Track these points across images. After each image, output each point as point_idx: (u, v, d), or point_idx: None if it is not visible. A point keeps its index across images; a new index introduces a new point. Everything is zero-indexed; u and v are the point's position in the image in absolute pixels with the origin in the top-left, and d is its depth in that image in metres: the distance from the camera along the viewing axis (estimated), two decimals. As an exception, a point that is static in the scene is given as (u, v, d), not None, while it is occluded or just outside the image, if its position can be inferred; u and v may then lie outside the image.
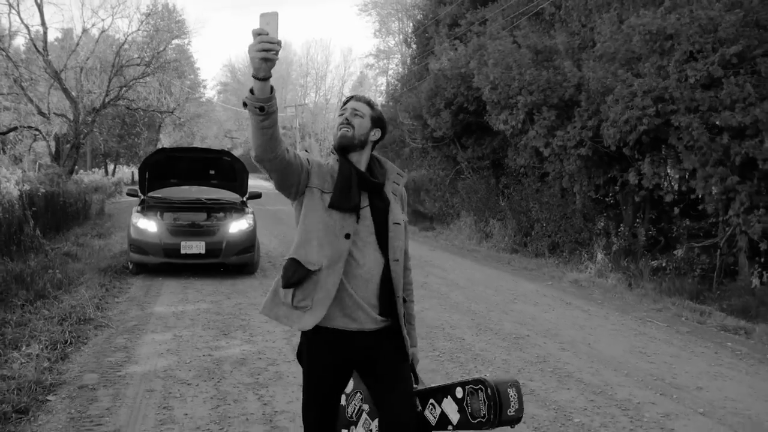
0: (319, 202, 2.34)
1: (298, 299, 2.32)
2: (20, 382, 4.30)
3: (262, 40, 1.95)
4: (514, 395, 2.32)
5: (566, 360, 5.54)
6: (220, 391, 4.47)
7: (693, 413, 4.40)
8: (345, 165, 2.39)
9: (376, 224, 2.39)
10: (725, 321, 7.39)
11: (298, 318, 2.32)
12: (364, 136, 2.43)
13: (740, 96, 9.09)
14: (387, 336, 2.41)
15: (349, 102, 2.48)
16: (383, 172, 2.51)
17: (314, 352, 2.37)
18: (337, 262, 2.31)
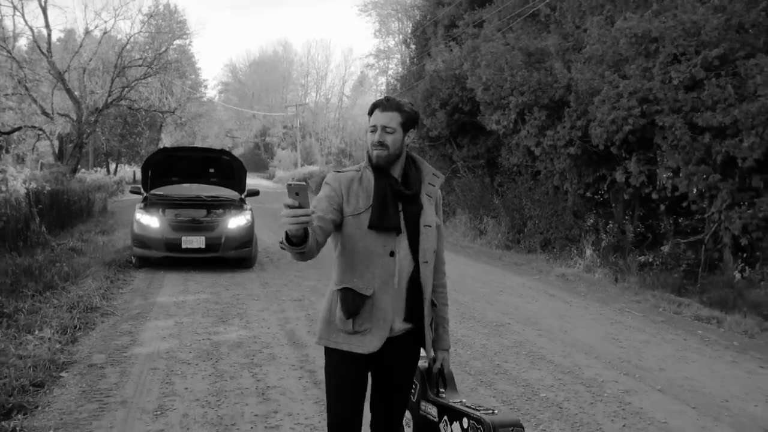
0: (356, 225, 2.34)
1: (359, 324, 2.34)
2: (35, 361, 4.75)
3: (296, 213, 1.97)
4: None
5: (541, 345, 5.97)
6: (218, 370, 4.92)
7: (651, 390, 4.83)
8: (380, 182, 2.38)
9: (408, 229, 2.39)
10: (700, 311, 7.81)
11: (360, 342, 2.34)
12: (399, 149, 2.40)
13: (721, 97, 9.48)
14: (407, 339, 2.44)
15: (375, 114, 2.40)
16: (418, 175, 2.49)
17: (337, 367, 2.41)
18: (388, 282, 2.34)
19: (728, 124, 9.33)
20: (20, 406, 4.02)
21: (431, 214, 2.46)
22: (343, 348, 2.36)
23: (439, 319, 2.58)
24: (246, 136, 61.62)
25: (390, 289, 2.34)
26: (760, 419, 4.32)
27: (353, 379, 2.41)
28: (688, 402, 4.61)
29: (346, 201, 2.36)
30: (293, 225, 1.97)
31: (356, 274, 2.32)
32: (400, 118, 2.38)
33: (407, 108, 2.41)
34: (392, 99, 2.42)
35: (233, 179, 10.44)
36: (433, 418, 2.51)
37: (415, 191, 2.43)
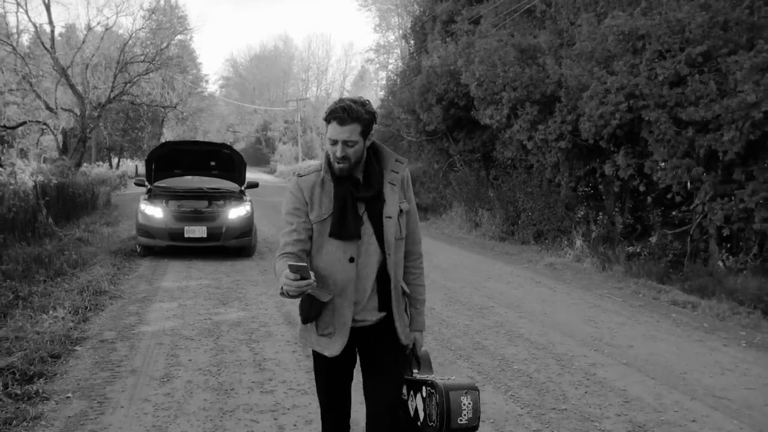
0: (319, 231, 2.41)
1: (322, 328, 2.43)
2: (52, 336, 5.23)
3: (299, 285, 2.11)
4: (467, 403, 2.29)
5: (521, 325, 6.44)
6: (219, 345, 5.39)
7: (617, 363, 5.29)
8: (340, 189, 2.41)
9: (374, 223, 2.42)
10: (677, 297, 8.25)
11: (326, 344, 2.43)
12: (360, 156, 2.42)
13: (704, 92, 9.87)
14: (384, 327, 2.49)
15: (334, 127, 2.37)
16: (380, 167, 2.49)
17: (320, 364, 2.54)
18: (347, 288, 2.40)
19: (710, 119, 9.72)
20: (40, 373, 4.50)
21: (393, 205, 2.46)
22: (315, 348, 2.47)
23: (412, 301, 2.62)
24: (247, 131, 62.15)
25: (350, 293, 2.39)
26: (712, 387, 4.78)
27: (334, 371, 2.51)
28: (648, 373, 5.07)
29: (311, 207, 2.41)
30: (294, 291, 2.12)
31: (318, 279, 2.31)
32: (360, 127, 2.36)
33: (366, 115, 2.37)
34: (350, 108, 2.35)
35: (233, 172, 10.92)
36: (404, 396, 2.53)
37: (376, 189, 2.44)
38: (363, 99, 2.44)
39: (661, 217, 12.09)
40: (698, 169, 10.09)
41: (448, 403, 2.22)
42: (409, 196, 2.57)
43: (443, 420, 2.22)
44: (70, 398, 4.17)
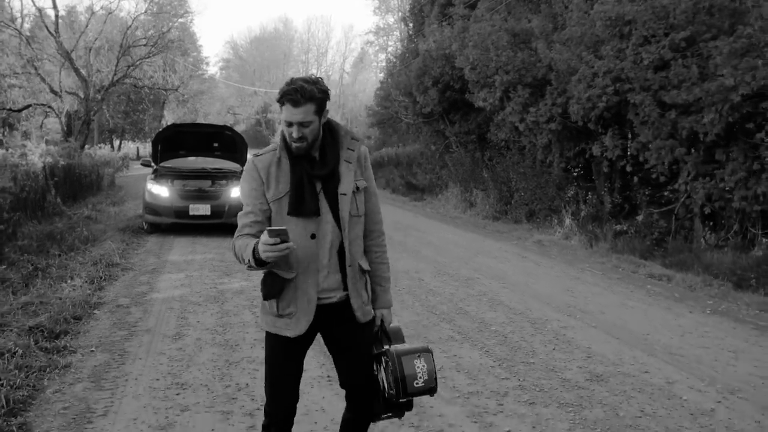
0: (277, 210, 2.44)
1: (283, 307, 2.42)
2: (72, 301, 5.79)
3: (279, 248, 2.15)
4: (421, 366, 2.29)
5: (503, 294, 6.98)
6: (223, 309, 5.95)
7: (586, 326, 5.84)
8: (297, 167, 2.44)
9: (330, 202, 2.45)
10: (654, 270, 8.79)
11: (286, 325, 2.44)
12: (316, 135, 2.45)
13: (686, 76, 10.32)
14: (347, 304, 2.50)
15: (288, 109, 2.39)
16: (335, 146, 2.51)
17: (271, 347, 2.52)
18: (310, 264, 2.41)
19: (692, 102, 10.18)
20: (65, 331, 5.06)
21: (349, 182, 2.48)
22: (272, 330, 2.46)
23: (376, 279, 2.64)
24: (247, 113, 62.49)
25: (313, 271, 2.41)
26: (670, 346, 5.32)
27: (287, 361, 2.50)
28: (614, 335, 5.61)
29: (267, 187, 2.44)
30: (273, 256, 2.15)
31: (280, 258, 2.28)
32: (314, 107, 2.38)
33: (318, 94, 2.39)
34: (302, 89, 2.36)
35: (235, 152, 11.47)
36: (375, 371, 2.54)
37: (331, 167, 2.46)
38: (315, 77, 2.44)
39: (647, 196, 12.58)
40: (681, 149, 10.55)
41: (401, 368, 2.23)
42: (367, 175, 2.59)
43: (398, 385, 2.22)
44: (93, 352, 4.73)
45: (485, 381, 4.39)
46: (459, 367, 4.65)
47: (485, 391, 4.19)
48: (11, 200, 9.13)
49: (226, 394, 4.01)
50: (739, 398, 4.23)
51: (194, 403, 3.87)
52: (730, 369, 4.82)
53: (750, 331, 5.90)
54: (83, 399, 3.90)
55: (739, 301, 7.14)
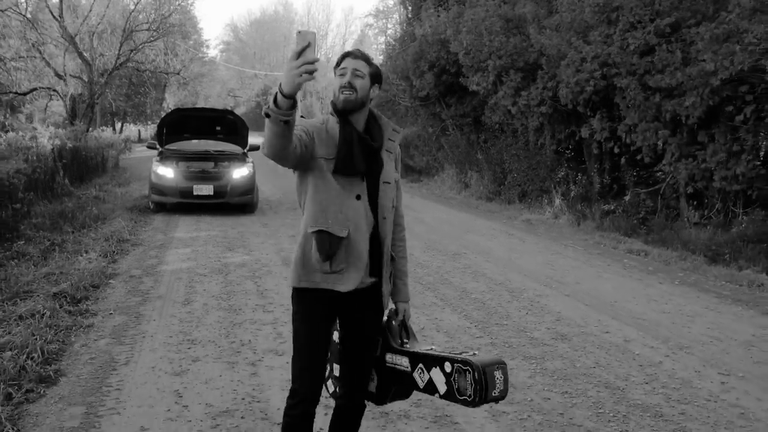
0: (327, 169, 2.40)
1: (336, 264, 2.41)
2: (90, 272, 6.37)
3: (305, 61, 2.01)
4: (500, 377, 2.41)
5: (486, 267, 7.55)
6: (227, 279, 6.53)
7: (560, 295, 6.41)
8: (347, 129, 2.44)
9: (368, 185, 2.47)
10: (633, 246, 9.34)
11: (336, 280, 2.42)
12: (365, 97, 2.44)
13: (670, 61, 10.80)
14: (371, 293, 2.53)
15: (346, 60, 2.45)
16: (380, 130, 2.55)
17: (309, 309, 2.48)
18: (360, 224, 2.43)
19: (675, 86, 10.67)
20: (86, 297, 5.64)
21: (391, 171, 2.54)
22: (321, 286, 2.42)
23: (397, 272, 2.68)
24: (248, 95, 62.86)
25: (362, 231, 2.43)
26: (634, 311, 5.89)
27: (324, 323, 2.50)
28: (584, 301, 6.18)
29: (318, 144, 2.42)
30: (301, 77, 2.03)
31: (329, 216, 2.37)
32: (369, 68, 2.45)
33: (373, 61, 2.50)
34: (363, 52, 2.50)
35: (237, 135, 12.05)
36: (405, 367, 2.60)
37: (379, 144, 2.51)
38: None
39: (635, 177, 13.11)
40: (665, 132, 11.06)
41: (485, 379, 2.36)
42: (399, 168, 2.67)
43: (480, 393, 2.37)
44: (112, 314, 5.31)
45: (461, 338, 4.97)
46: (438, 328, 5.23)
47: (460, 347, 4.77)
48: (25, 181, 9.66)
49: (231, 348, 4.59)
50: (686, 353, 4.80)
51: (204, 355, 4.45)
52: (685, 330, 5.39)
53: (711, 299, 6.46)
54: (107, 352, 4.48)
55: (708, 274, 7.69)
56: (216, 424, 3.46)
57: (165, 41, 26.95)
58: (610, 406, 3.83)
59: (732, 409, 3.84)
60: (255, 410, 3.62)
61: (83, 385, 3.92)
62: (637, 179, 13.03)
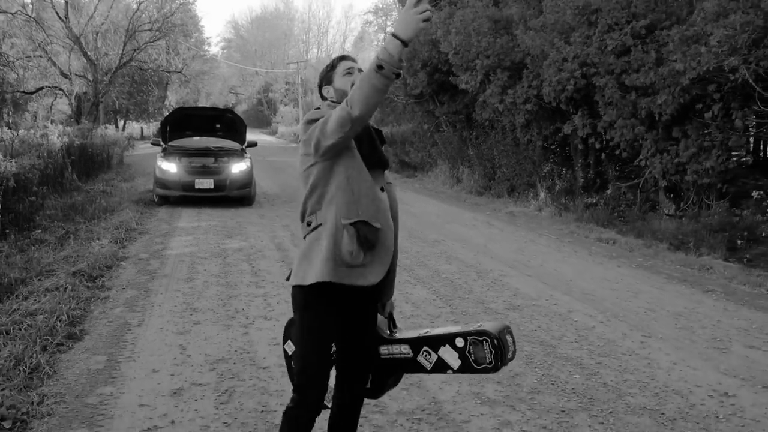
0: (358, 160, 2.43)
1: (366, 257, 2.43)
2: (103, 255, 7.26)
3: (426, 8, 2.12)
4: (511, 340, 2.59)
5: (461, 252, 8.41)
6: (225, 262, 7.42)
7: (523, 275, 7.27)
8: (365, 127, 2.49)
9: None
10: (603, 235, 10.19)
11: (359, 274, 2.43)
12: None
13: (645, 61, 11.62)
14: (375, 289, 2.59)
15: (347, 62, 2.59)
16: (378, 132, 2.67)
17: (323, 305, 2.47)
18: (388, 217, 2.50)
19: (649, 85, 11.50)
20: (100, 275, 6.55)
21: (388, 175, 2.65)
22: (344, 281, 2.41)
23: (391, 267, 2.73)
24: (249, 93, 63.90)
25: (389, 224, 2.49)
26: (586, 289, 6.74)
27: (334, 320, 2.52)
28: (543, 280, 7.04)
29: None
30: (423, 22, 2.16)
31: (361, 207, 2.39)
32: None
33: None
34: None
35: (235, 133, 13.01)
36: (407, 354, 2.71)
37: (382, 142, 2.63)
38: None
39: (618, 171, 13.95)
40: (641, 128, 11.89)
41: (503, 344, 2.52)
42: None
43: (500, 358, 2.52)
44: (125, 289, 6.21)
45: (425, 308, 5.85)
46: (407, 300, 6.10)
47: (423, 314, 5.64)
48: (39, 176, 10.55)
49: (227, 315, 5.48)
50: (619, 321, 5.67)
51: (203, 319, 5.34)
52: (625, 304, 6.24)
53: (660, 280, 7.31)
54: (122, 317, 5.38)
55: (666, 259, 8.54)
56: (213, 367, 4.35)
57: (167, 40, 27.91)
58: (540, 358, 4.70)
59: (642, 360, 4.70)
60: (245, 359, 4.51)
61: (104, 341, 4.81)
62: (619, 174, 13.87)
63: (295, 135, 36.59)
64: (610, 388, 4.19)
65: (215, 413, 3.69)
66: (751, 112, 10.93)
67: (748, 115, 10.89)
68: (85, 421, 3.57)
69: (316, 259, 2.41)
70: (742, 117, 10.25)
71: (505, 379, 4.31)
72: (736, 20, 9.64)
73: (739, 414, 3.86)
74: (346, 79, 2.55)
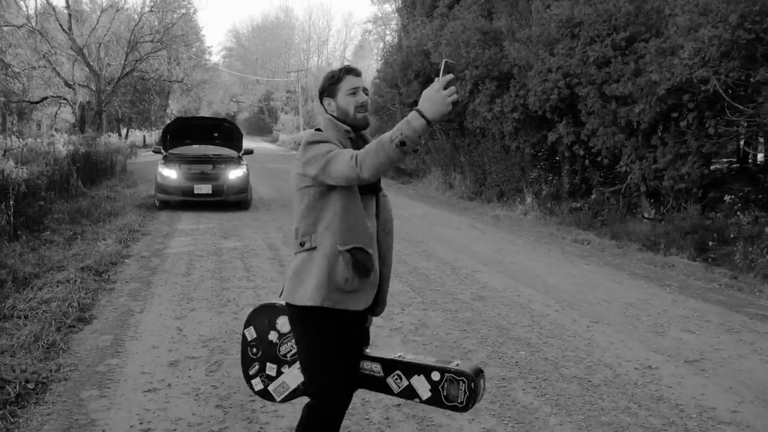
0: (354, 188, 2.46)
1: (359, 283, 2.49)
2: (108, 253, 7.99)
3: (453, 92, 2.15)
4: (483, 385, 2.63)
5: (441, 251, 9.12)
6: (221, 259, 8.15)
7: (494, 271, 7.97)
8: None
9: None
10: (579, 236, 10.88)
11: (352, 300, 2.49)
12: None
13: (624, 72, 12.33)
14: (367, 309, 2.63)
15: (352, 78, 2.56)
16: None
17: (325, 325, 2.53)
18: (374, 242, 2.55)
19: (627, 94, 12.21)
20: (106, 270, 7.29)
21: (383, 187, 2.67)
22: (339, 307, 2.47)
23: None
24: (250, 101, 64.88)
25: (376, 249, 2.54)
26: (550, 283, 7.43)
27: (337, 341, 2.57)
28: (512, 276, 7.75)
29: None
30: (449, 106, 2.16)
31: (357, 234, 2.44)
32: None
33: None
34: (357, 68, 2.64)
35: (232, 141, 13.80)
36: (377, 373, 2.73)
37: None
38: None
39: (602, 177, 14.66)
40: (620, 136, 12.60)
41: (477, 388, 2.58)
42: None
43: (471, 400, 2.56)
44: (128, 282, 6.95)
45: (398, 298, 6.56)
46: (384, 292, 6.80)
47: (395, 303, 6.35)
48: (46, 182, 11.31)
49: (219, 303, 6.21)
50: (573, 309, 6.37)
51: (199, 307, 6.07)
52: (583, 295, 6.94)
53: (622, 276, 8.00)
54: (126, 305, 6.11)
55: (633, 258, 9.23)
56: (205, 344, 5.07)
57: (168, 50, 28.82)
58: (493, 339, 5.40)
59: (584, 341, 5.40)
60: (234, 337, 5.22)
61: (111, 324, 5.55)
62: (604, 179, 14.57)
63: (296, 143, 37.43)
64: (549, 362, 4.90)
65: (205, 379, 4.41)
66: (723, 121, 11.63)
67: (720, 124, 11.60)
68: (95, 384, 4.29)
69: (308, 282, 2.47)
70: (715, 125, 10.93)
71: (458, 354, 5.01)
72: (704, 34, 10.33)
73: (656, 382, 4.56)
74: (350, 99, 2.53)
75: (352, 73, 2.56)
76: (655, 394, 4.35)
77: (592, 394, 4.32)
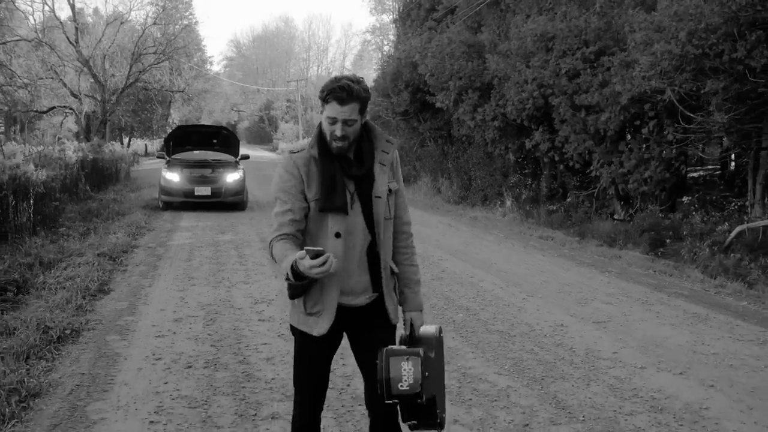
0: (315, 209, 2.54)
1: (310, 306, 2.56)
2: (120, 244, 9.34)
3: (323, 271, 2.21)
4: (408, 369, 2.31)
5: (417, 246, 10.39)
6: (218, 249, 9.51)
7: (460, 261, 9.27)
8: (328, 164, 2.53)
9: (363, 203, 2.56)
10: (545, 233, 12.17)
11: (314, 323, 2.57)
12: (357, 134, 2.56)
13: (592, 83, 13.63)
14: (377, 307, 2.65)
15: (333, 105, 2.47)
16: (371, 147, 2.62)
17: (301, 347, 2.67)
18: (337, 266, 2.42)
19: (595, 104, 13.50)
20: (119, 257, 8.64)
21: (383, 184, 2.60)
22: (302, 328, 2.60)
23: (404, 281, 2.78)
24: (251, 110, 66.53)
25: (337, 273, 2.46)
26: (504, 269, 8.72)
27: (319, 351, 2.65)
28: (472, 263, 9.04)
29: (307, 186, 2.53)
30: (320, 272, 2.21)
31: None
32: (358, 106, 2.48)
33: (363, 93, 2.50)
34: (349, 88, 2.45)
35: (230, 147, 15.26)
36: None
37: (367, 167, 2.57)
38: (358, 77, 2.55)
39: (578, 181, 15.95)
40: (590, 142, 13.89)
41: (387, 369, 2.30)
42: (398, 177, 2.73)
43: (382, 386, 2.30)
44: (138, 265, 8.30)
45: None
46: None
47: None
48: (60, 184, 12.68)
49: (215, 280, 7.55)
50: (515, 287, 7.66)
51: (198, 283, 7.42)
52: (529, 278, 8.23)
53: (570, 264, 9.29)
54: (137, 281, 7.46)
55: (588, 251, 10.53)
56: (203, 308, 6.40)
57: (170, 61, 30.35)
58: (440, 306, 6.72)
59: (515, 308, 6.70)
60: (226, 304, 6.56)
61: (126, 294, 6.90)
62: (579, 184, 15.86)
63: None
64: (480, 321, 6.20)
65: (203, 330, 5.74)
66: (681, 129, 12.92)
67: (678, 131, 12.88)
68: (117, 332, 5.62)
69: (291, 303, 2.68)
70: (673, 132, 12.18)
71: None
72: (658, 49, 11.64)
73: (561, 335, 5.85)
74: (327, 126, 2.52)
75: (336, 100, 2.47)
76: (558, 342, 5.65)
77: (507, 341, 5.62)
